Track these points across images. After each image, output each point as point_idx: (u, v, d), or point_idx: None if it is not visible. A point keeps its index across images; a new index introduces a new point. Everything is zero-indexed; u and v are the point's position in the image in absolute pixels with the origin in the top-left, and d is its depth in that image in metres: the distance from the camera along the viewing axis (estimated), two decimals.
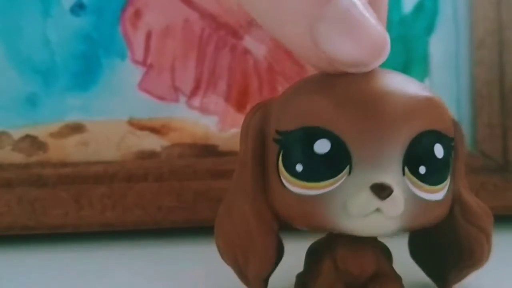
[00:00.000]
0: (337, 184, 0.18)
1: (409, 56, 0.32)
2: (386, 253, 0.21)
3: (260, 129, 0.20)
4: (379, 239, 0.21)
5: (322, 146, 0.18)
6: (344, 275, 0.20)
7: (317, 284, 0.20)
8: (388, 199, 0.18)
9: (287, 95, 0.20)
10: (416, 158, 0.19)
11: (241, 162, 0.21)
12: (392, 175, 0.18)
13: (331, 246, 0.20)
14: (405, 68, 0.32)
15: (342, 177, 0.18)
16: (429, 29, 0.32)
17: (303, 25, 0.19)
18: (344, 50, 0.18)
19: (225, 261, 0.21)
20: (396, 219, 0.19)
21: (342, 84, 0.19)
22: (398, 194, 0.18)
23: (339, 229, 0.19)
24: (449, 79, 0.32)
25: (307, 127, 0.19)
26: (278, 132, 0.19)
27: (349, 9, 0.18)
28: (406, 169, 0.18)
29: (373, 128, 0.18)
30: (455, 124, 0.20)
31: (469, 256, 0.21)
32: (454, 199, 0.20)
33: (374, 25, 0.19)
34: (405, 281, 0.21)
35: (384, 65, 0.19)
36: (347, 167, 0.18)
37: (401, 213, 0.18)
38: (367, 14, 0.19)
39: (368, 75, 0.19)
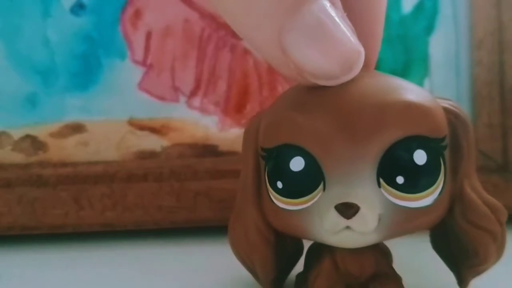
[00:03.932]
0: (313, 201, 0.19)
1: (409, 56, 0.32)
2: (386, 254, 0.21)
3: (255, 143, 0.20)
4: None
5: (296, 164, 0.19)
6: (344, 275, 0.20)
7: (317, 284, 0.20)
8: (355, 217, 0.18)
9: (270, 110, 0.20)
10: (392, 168, 0.18)
11: (244, 174, 0.21)
12: (364, 189, 0.18)
13: (331, 246, 0.20)
14: (405, 68, 0.32)
15: (317, 194, 0.18)
16: (429, 29, 0.32)
17: (271, 31, 0.18)
18: (313, 61, 0.18)
19: (238, 261, 0.22)
20: (374, 232, 0.18)
21: (316, 97, 0.19)
22: (366, 211, 0.18)
23: (321, 241, 0.19)
24: (449, 79, 0.32)
25: (284, 145, 0.19)
26: (262, 149, 0.20)
27: (320, 18, 0.17)
28: (381, 180, 0.18)
29: (343, 144, 0.18)
30: (456, 117, 0.20)
31: (474, 256, 0.20)
32: (455, 198, 0.20)
33: (347, 36, 0.18)
34: (405, 281, 0.21)
35: (384, 65, 0.19)
36: (321, 184, 0.18)
37: (373, 229, 0.18)
38: (341, 25, 0.18)
39: (342, 86, 0.18)
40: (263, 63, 0.31)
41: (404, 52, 0.32)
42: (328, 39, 0.17)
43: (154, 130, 0.31)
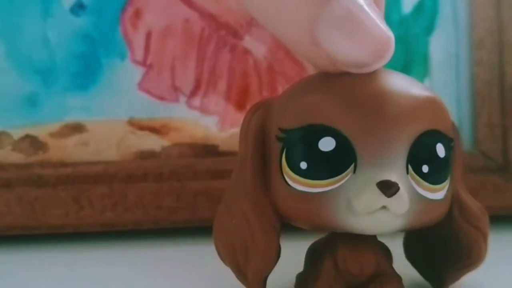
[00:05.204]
0: (341, 182, 0.18)
1: (409, 56, 0.32)
2: (386, 253, 0.21)
3: (260, 127, 0.20)
4: (379, 239, 0.21)
5: (327, 144, 0.18)
6: (344, 275, 0.20)
7: (317, 284, 0.20)
8: (394, 196, 0.18)
9: (290, 93, 0.20)
10: (420, 157, 0.19)
11: (241, 161, 0.21)
12: (396, 173, 0.18)
13: (331, 246, 0.20)
14: (405, 68, 0.32)
15: (347, 175, 0.18)
16: (429, 29, 0.32)
17: (303, 24, 0.18)
18: (345, 50, 0.18)
19: (224, 261, 0.21)
20: (401, 217, 0.19)
21: (346, 83, 0.19)
22: (403, 192, 0.18)
23: (342, 227, 0.19)
24: (449, 79, 0.32)
25: (312, 125, 0.19)
26: (281, 130, 0.19)
27: (351, 8, 0.18)
28: (409, 167, 0.19)
29: (378, 127, 0.18)
30: (453, 126, 0.21)
31: (466, 256, 0.21)
32: (453, 199, 0.20)
33: (378, 24, 0.18)
34: (405, 281, 0.21)
35: (384, 66, 0.19)
36: (352, 165, 0.18)
37: (406, 210, 0.18)
38: (370, 13, 0.18)
39: (371, 75, 0.19)
40: (263, 63, 0.31)
41: (404, 52, 0.32)
42: (358, 29, 0.18)
43: (154, 130, 0.31)
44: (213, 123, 0.31)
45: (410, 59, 0.32)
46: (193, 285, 0.24)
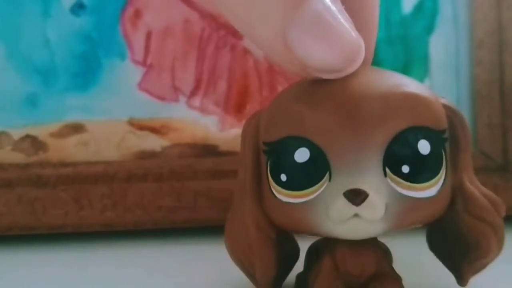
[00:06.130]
0: (319, 192, 0.19)
1: (409, 56, 0.32)
2: (386, 253, 0.21)
3: (255, 139, 0.20)
4: (379, 238, 0.21)
5: (301, 155, 0.19)
6: (344, 275, 0.20)
7: (317, 284, 0.20)
8: (364, 204, 0.18)
9: (271, 105, 0.20)
10: (397, 158, 0.18)
11: (243, 171, 0.21)
12: (371, 178, 0.18)
13: (331, 246, 0.20)
14: (405, 68, 0.32)
15: (323, 185, 0.19)
16: (429, 29, 0.32)
17: (275, 28, 0.18)
18: (315, 55, 0.18)
19: (234, 263, 0.21)
20: (381, 221, 0.19)
21: (319, 90, 0.19)
22: (375, 198, 0.18)
23: (326, 234, 0.19)
24: (449, 79, 0.32)
25: (287, 137, 0.19)
26: (264, 143, 0.20)
27: (322, 13, 0.18)
28: (387, 170, 0.18)
29: (348, 134, 0.18)
30: (454, 113, 0.20)
31: (475, 249, 0.20)
32: (456, 191, 0.20)
33: (348, 30, 0.18)
34: (405, 281, 0.21)
35: (384, 65, 0.19)
36: (327, 174, 0.18)
37: (381, 216, 0.18)
38: (341, 19, 0.18)
39: (345, 78, 0.19)
40: (263, 63, 0.31)
41: (404, 52, 0.32)
42: (329, 33, 0.18)
43: (154, 130, 0.31)
44: (213, 123, 0.31)
45: (410, 59, 0.32)
46: (193, 285, 0.24)
